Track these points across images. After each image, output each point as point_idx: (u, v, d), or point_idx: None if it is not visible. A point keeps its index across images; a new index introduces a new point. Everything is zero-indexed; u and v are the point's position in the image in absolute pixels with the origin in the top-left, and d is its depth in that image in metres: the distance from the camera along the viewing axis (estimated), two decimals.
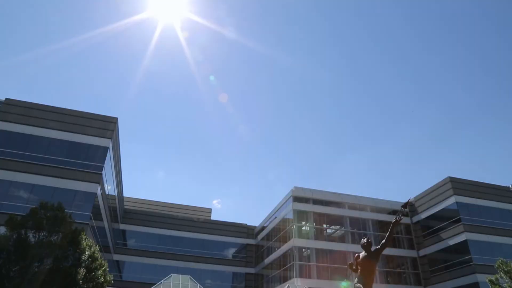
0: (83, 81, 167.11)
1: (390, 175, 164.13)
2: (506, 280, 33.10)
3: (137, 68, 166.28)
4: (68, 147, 36.70)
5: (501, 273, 33.66)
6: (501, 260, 34.50)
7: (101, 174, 36.12)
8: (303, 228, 51.85)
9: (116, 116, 39.87)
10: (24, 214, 23.14)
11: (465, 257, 45.74)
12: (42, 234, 22.06)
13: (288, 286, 41.76)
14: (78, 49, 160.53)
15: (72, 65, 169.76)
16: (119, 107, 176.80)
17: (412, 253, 54.18)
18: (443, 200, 50.53)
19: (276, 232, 55.62)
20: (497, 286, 32.74)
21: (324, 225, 54.85)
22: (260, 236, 62.89)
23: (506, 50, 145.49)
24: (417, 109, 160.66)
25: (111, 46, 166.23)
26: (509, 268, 33.20)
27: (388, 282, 51.34)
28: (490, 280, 33.86)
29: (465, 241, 46.16)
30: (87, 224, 32.80)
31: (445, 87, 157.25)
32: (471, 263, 44.72)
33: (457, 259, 47.08)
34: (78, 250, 23.36)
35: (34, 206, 23.35)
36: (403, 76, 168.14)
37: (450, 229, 48.63)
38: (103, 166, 36.56)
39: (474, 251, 45.38)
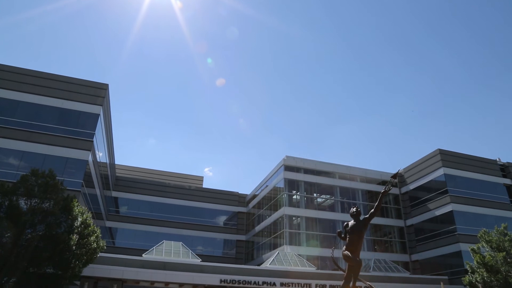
0: (73, 45, 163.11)
1: (382, 146, 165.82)
2: (487, 249, 34.32)
3: (128, 33, 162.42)
4: (58, 114, 36.15)
5: (483, 242, 34.89)
6: (484, 230, 35.66)
7: (92, 141, 35.85)
8: (294, 196, 52.62)
9: (107, 83, 39.26)
10: (15, 181, 23.05)
11: (450, 227, 47.06)
12: (33, 201, 22.06)
13: (278, 253, 42.77)
14: (67, 12, 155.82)
15: (62, 29, 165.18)
16: (109, 74, 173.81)
17: (399, 223, 55.55)
18: (431, 171, 51.37)
19: (267, 201, 56.43)
20: (479, 255, 33.96)
21: (315, 194, 55.69)
22: (251, 204, 63.80)
23: (501, 24, 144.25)
24: (410, 81, 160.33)
25: (103, 9, 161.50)
26: (490, 238, 34.38)
27: (375, 250, 52.87)
28: (472, 249, 35.07)
29: (450, 212, 47.35)
30: (79, 191, 32.88)
31: (439, 60, 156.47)
32: (455, 233, 46.07)
33: (442, 229, 48.43)
34: (70, 217, 23.49)
35: (25, 173, 23.23)
36: (397, 49, 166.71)
37: (437, 200, 49.73)
38: (94, 133, 36.24)
39: (459, 221, 46.66)
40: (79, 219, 24.47)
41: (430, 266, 49.64)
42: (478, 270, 33.92)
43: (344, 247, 11.60)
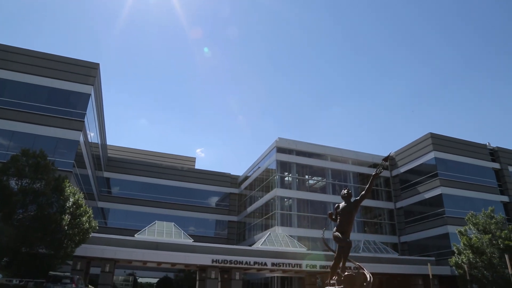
0: (64, 24, 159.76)
1: (374, 129, 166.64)
2: (474, 231, 35.19)
3: (120, 12, 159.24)
4: (48, 93, 35.56)
5: (470, 225, 35.74)
6: (471, 213, 36.47)
7: (84, 121, 35.49)
8: (286, 178, 52.92)
9: (98, 62, 38.68)
10: (5, 161, 22.83)
11: (439, 210, 47.81)
12: (24, 181, 21.96)
13: (270, 233, 43.25)
14: None
15: (51, 6, 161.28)
16: (100, 53, 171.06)
17: (389, 205, 56.31)
18: (422, 155, 51.82)
19: (259, 182, 56.73)
20: (466, 237, 34.81)
21: (306, 176, 56.05)
22: (243, 186, 64.12)
23: (496, 7, 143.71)
24: (403, 64, 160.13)
25: None
26: (477, 220, 35.21)
27: (365, 232, 53.70)
28: (460, 232, 35.91)
29: (439, 195, 48.01)
30: (71, 171, 32.71)
31: (433, 44, 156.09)
32: (444, 216, 46.85)
33: (431, 211, 49.20)
34: (62, 197, 23.45)
35: (15, 153, 23.00)
36: (390, 32, 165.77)
37: (427, 183, 50.32)
38: (85, 113, 35.83)
39: (447, 204, 47.38)
40: (71, 200, 24.45)
41: (418, 247, 50.64)
42: (465, 251, 34.82)
43: (335, 228, 11.72)
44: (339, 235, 11.36)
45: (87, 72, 37.56)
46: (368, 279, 10.34)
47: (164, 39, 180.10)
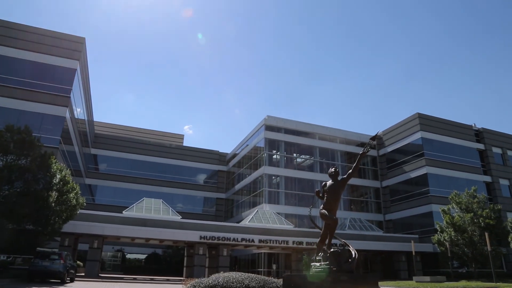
0: None
1: (362, 108, 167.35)
2: (457, 210, 36.18)
3: None
4: (32, 68, 34.59)
5: (453, 204, 36.71)
6: (455, 193, 37.36)
7: (69, 97, 34.82)
8: (274, 156, 53.19)
9: (84, 36, 37.71)
10: None
11: (423, 189, 48.75)
12: (9, 157, 21.66)
13: (257, 211, 43.73)
14: None
15: None
16: (86, 26, 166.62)
17: (375, 184, 57.21)
18: (409, 135, 52.41)
19: (247, 160, 56.94)
20: (448, 215, 35.78)
21: (294, 154, 56.41)
22: (231, 163, 64.32)
23: None
24: (393, 43, 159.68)
25: None
26: (460, 199, 36.16)
27: (351, 210, 54.69)
28: (443, 210, 36.87)
29: (425, 174, 48.87)
30: (57, 148, 32.28)
31: (424, 23, 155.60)
32: (428, 195, 47.82)
33: (416, 190, 50.17)
34: (48, 174, 23.23)
35: None
36: (381, 10, 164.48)
37: (413, 162, 51.11)
38: (71, 88, 35.12)
39: (432, 183, 48.31)
40: (58, 176, 24.24)
41: (403, 225, 51.83)
42: (447, 229, 35.87)
43: (322, 206, 11.83)
44: (326, 212, 11.47)
45: (73, 46, 36.60)
46: (353, 256, 10.55)
47: (153, 15, 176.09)
